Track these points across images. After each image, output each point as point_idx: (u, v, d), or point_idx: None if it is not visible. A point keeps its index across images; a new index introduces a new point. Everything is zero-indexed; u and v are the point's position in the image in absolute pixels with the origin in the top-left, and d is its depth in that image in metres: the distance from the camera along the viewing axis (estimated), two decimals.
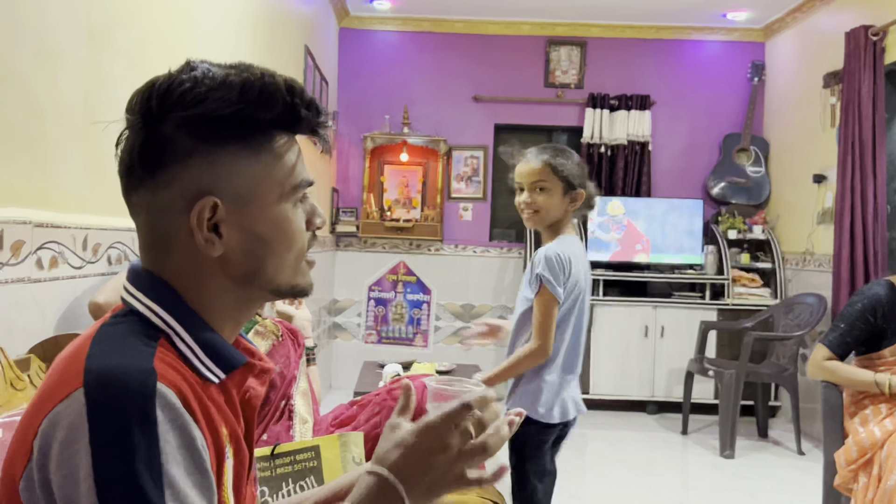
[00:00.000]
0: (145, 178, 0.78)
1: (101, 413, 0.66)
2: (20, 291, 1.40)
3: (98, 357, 0.70)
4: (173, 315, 0.77)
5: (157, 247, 0.80)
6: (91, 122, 1.69)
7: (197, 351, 0.77)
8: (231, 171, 0.78)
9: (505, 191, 6.07)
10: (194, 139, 0.76)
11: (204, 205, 0.77)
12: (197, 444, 0.70)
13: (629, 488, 3.79)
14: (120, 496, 0.64)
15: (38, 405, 0.70)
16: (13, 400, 1.26)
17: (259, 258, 0.80)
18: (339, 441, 1.39)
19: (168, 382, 0.70)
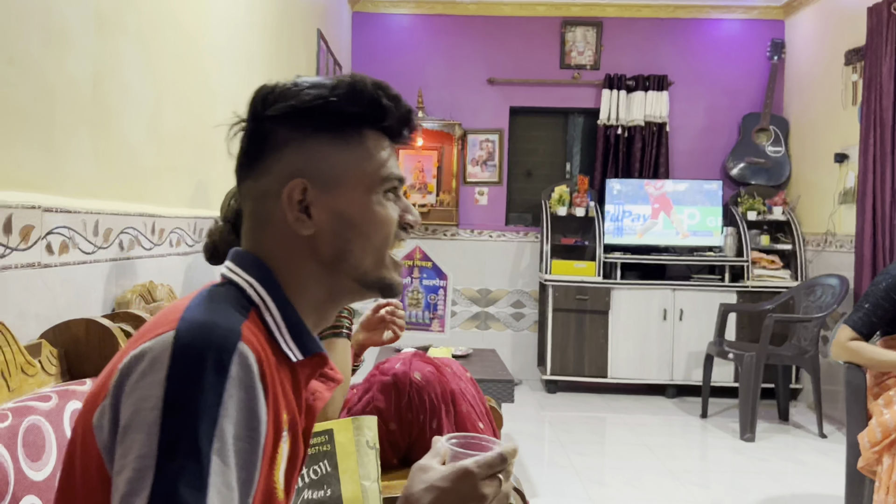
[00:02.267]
0: (250, 169, 0.88)
1: (182, 354, 0.71)
2: (30, 276, 1.39)
3: (194, 310, 0.77)
4: (267, 290, 0.84)
5: (256, 229, 0.88)
6: (97, 105, 1.67)
7: (282, 326, 0.84)
8: (321, 158, 0.86)
9: (521, 174, 6.03)
10: (289, 129, 0.86)
11: (294, 186, 0.85)
12: (259, 412, 0.74)
13: (648, 472, 3.76)
14: (177, 434, 0.68)
15: (127, 347, 0.77)
16: (24, 385, 1.25)
17: (346, 239, 0.87)
18: (352, 425, 1.37)
19: (251, 346, 0.76)
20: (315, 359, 0.88)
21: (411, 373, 1.71)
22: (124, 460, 0.69)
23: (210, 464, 0.68)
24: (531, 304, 5.90)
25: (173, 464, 0.67)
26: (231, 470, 0.70)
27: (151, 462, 0.67)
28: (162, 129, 2.05)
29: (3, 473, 1.02)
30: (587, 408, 5.07)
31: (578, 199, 5.58)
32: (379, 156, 0.89)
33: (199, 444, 0.68)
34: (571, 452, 4.03)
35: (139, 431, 0.69)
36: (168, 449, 0.67)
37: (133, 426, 0.69)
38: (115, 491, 0.68)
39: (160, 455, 0.67)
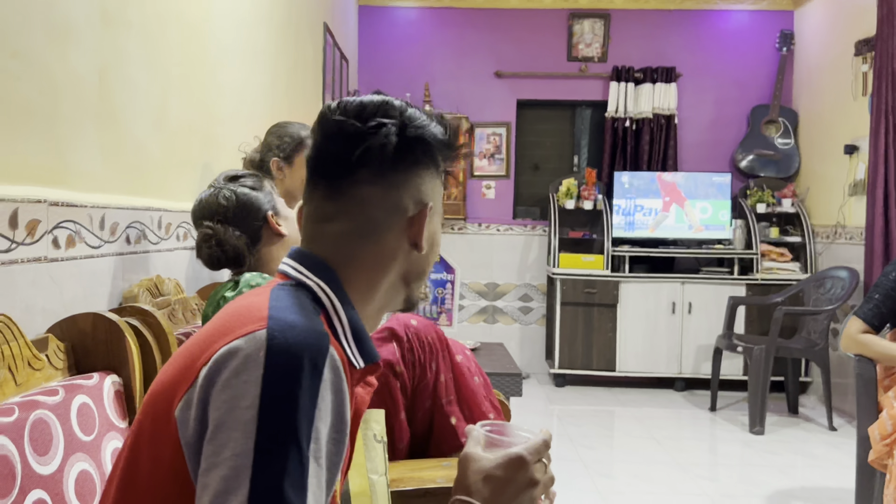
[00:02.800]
0: (378, 177, 0.89)
1: (280, 354, 0.72)
2: (37, 271, 1.38)
3: (280, 309, 0.77)
4: (336, 294, 0.86)
5: (361, 236, 0.90)
6: (103, 99, 1.66)
7: (348, 333, 0.85)
8: (435, 187, 0.94)
9: (528, 168, 6.02)
10: (422, 154, 0.91)
11: (428, 210, 0.92)
12: (346, 414, 0.77)
13: (657, 465, 3.75)
14: (277, 433, 0.68)
15: (212, 339, 0.77)
16: (31, 380, 1.25)
17: (428, 262, 0.95)
18: None
19: (338, 350, 0.78)
20: (371, 366, 0.89)
21: (407, 320, 1.76)
22: (216, 458, 0.68)
23: (309, 465, 0.69)
24: (539, 297, 5.89)
25: (274, 462, 0.67)
26: (323, 471, 0.72)
27: (248, 461, 0.67)
28: (168, 123, 2.04)
29: (9, 467, 1.02)
30: (595, 401, 5.07)
31: (586, 193, 5.56)
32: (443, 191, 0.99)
33: (300, 444, 0.69)
34: (579, 446, 4.03)
35: (234, 430, 0.68)
36: (267, 447, 0.68)
37: (227, 424, 0.69)
38: (205, 489, 0.68)
39: (258, 453, 0.67)
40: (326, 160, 0.91)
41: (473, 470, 0.88)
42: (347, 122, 0.89)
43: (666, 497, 3.32)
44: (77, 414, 1.22)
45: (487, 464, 0.87)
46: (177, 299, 1.95)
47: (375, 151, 0.88)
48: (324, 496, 0.72)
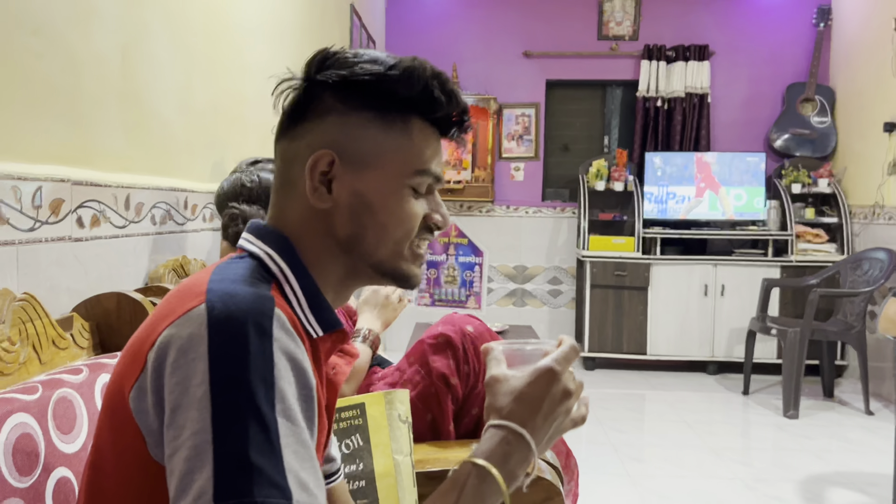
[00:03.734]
0: (288, 130, 0.86)
1: (221, 325, 0.68)
2: (61, 250, 1.38)
3: (219, 282, 0.74)
4: (287, 262, 0.82)
5: (281, 193, 0.86)
6: (126, 78, 1.65)
7: (302, 301, 0.81)
8: (358, 135, 0.83)
9: (558, 149, 5.95)
10: (336, 99, 0.83)
11: (320, 156, 0.82)
12: (308, 371, 0.73)
13: (689, 449, 3.70)
14: (232, 403, 0.65)
15: (155, 322, 0.74)
16: (56, 358, 1.25)
17: (362, 224, 0.84)
18: (384, 398, 1.35)
19: (287, 314, 0.74)
20: (335, 335, 0.85)
21: (463, 326, 1.68)
22: (177, 441, 0.66)
23: (277, 426, 0.66)
24: (568, 280, 5.84)
25: (234, 432, 0.64)
26: (301, 428, 0.68)
27: (207, 436, 0.64)
28: (193, 103, 2.03)
29: (33, 445, 1.02)
30: (626, 385, 5.02)
31: (617, 174, 5.48)
32: (419, 147, 0.85)
33: (260, 408, 0.65)
34: (609, 429, 3.99)
35: (189, 409, 0.66)
36: (224, 419, 0.65)
37: (182, 405, 0.66)
38: (172, 474, 0.65)
39: (216, 426, 0.64)
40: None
41: (503, 392, 0.83)
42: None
43: (698, 481, 3.28)
44: (101, 393, 1.22)
45: (517, 382, 0.83)
46: None
47: (286, 106, 0.86)
48: (310, 452, 0.69)
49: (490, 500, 0.78)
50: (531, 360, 0.86)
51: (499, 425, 0.81)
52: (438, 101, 0.84)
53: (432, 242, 5.79)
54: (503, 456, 0.79)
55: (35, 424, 1.04)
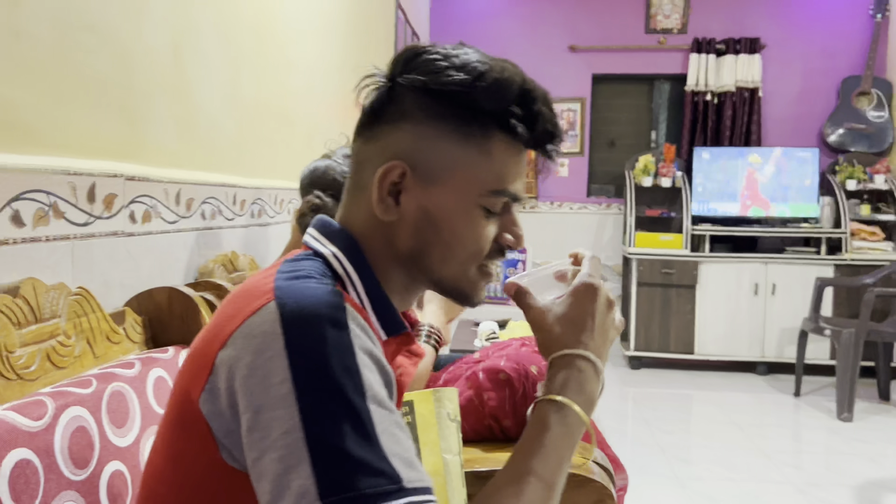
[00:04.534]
0: (364, 130, 0.83)
1: (295, 320, 0.67)
2: (114, 245, 1.39)
3: (286, 279, 0.73)
4: (353, 264, 0.80)
5: (352, 195, 0.84)
6: (176, 73, 1.66)
7: (366, 304, 0.80)
8: (433, 147, 0.79)
9: (604, 144, 5.87)
10: (415, 105, 0.79)
11: (392, 167, 0.79)
12: (386, 366, 0.71)
13: (738, 451, 3.62)
14: (319, 397, 0.64)
15: (222, 323, 0.72)
16: (109, 353, 1.25)
17: (426, 241, 0.81)
18: (433, 396, 1.33)
19: (356, 308, 0.72)
20: (400, 338, 0.84)
21: (528, 366, 1.60)
22: (265, 442, 0.64)
23: (369, 413, 0.64)
24: (613, 278, 5.77)
25: (327, 427, 0.62)
26: (393, 411, 0.67)
27: (299, 434, 0.62)
28: (240, 98, 2.04)
29: (88, 439, 1.02)
30: (672, 384, 4.93)
31: (664, 169, 5.39)
32: (498, 166, 0.80)
33: (349, 399, 0.63)
34: (656, 430, 3.92)
35: (274, 408, 0.64)
36: (314, 415, 0.63)
37: (266, 406, 0.64)
38: (262, 477, 0.63)
39: (306, 423, 0.62)
40: None
41: (552, 322, 0.81)
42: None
43: (749, 485, 3.20)
44: (153, 387, 1.22)
45: (562, 308, 0.82)
46: (251, 275, 1.95)
47: (366, 105, 0.83)
48: (407, 433, 0.67)
49: (577, 433, 0.78)
50: (553, 283, 0.86)
51: (563, 355, 0.80)
52: (523, 121, 0.79)
53: None
54: (579, 385, 0.79)
55: (90, 418, 1.04)
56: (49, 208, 1.19)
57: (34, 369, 1.06)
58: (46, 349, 1.09)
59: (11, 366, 1.01)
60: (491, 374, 1.54)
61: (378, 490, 0.61)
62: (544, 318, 0.83)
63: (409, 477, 0.63)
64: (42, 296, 1.11)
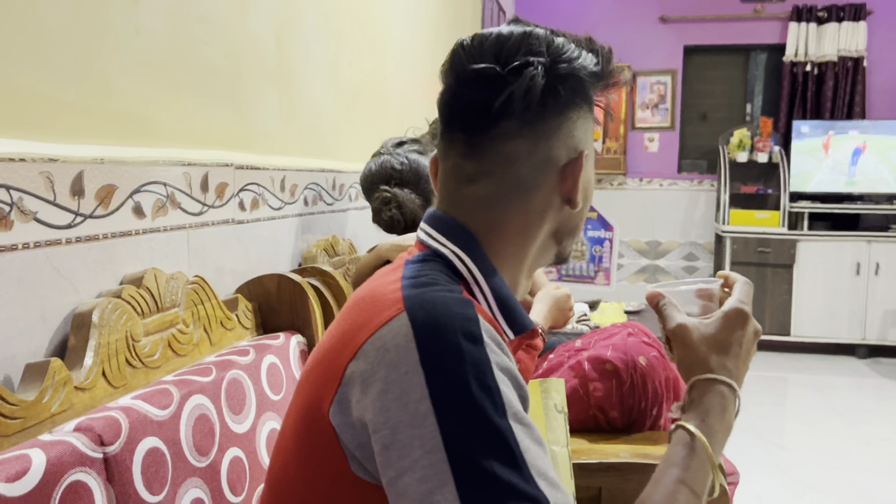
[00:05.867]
0: (525, 128, 0.78)
1: (429, 333, 0.65)
2: (225, 233, 1.42)
3: (414, 287, 0.71)
4: (477, 264, 0.78)
5: (508, 198, 0.79)
6: (280, 61, 1.68)
7: (493, 304, 0.78)
8: (587, 129, 0.82)
9: (695, 118, 5.69)
10: (570, 93, 0.79)
11: (581, 159, 0.80)
12: (521, 380, 0.69)
13: (837, 437, 3.48)
14: (461, 418, 0.62)
15: (351, 332, 0.71)
16: (223, 339, 1.29)
17: (581, 215, 0.83)
18: (539, 387, 1.32)
19: (484, 315, 0.70)
20: (528, 333, 0.82)
21: (636, 357, 1.57)
22: (404, 461, 0.62)
23: (513, 432, 0.62)
24: (705, 256, 5.61)
25: (472, 447, 0.60)
26: (532, 428, 0.65)
27: (442, 454, 0.60)
28: (339, 83, 2.05)
29: (209, 426, 1.05)
30: (767, 367, 4.78)
31: (761, 144, 5.18)
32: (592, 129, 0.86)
33: (491, 419, 0.62)
34: (752, 414, 3.81)
35: (414, 427, 0.62)
36: (457, 434, 0.61)
37: (404, 423, 0.62)
38: (401, 496, 0.62)
39: (449, 444, 0.61)
40: (463, 111, 0.79)
41: (698, 341, 0.79)
42: (485, 66, 0.76)
43: (853, 474, 3.08)
44: (267, 373, 1.25)
45: (710, 329, 0.80)
46: (350, 258, 1.97)
47: (519, 98, 0.76)
48: (546, 450, 0.65)
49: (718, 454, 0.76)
50: (693, 300, 0.84)
51: (708, 379, 0.78)
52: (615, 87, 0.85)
53: None
54: (721, 411, 0.77)
55: (211, 405, 1.07)
56: (166, 199, 1.22)
57: (157, 358, 1.10)
58: (167, 337, 1.13)
59: (137, 354, 1.05)
60: (597, 364, 1.51)
61: None
62: (689, 335, 0.80)
63: (556, 500, 0.61)
64: (163, 285, 1.14)
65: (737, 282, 0.85)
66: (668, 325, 0.83)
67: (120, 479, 0.87)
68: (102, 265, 1.07)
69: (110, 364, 0.99)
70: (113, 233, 1.09)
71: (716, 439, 0.75)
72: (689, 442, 0.75)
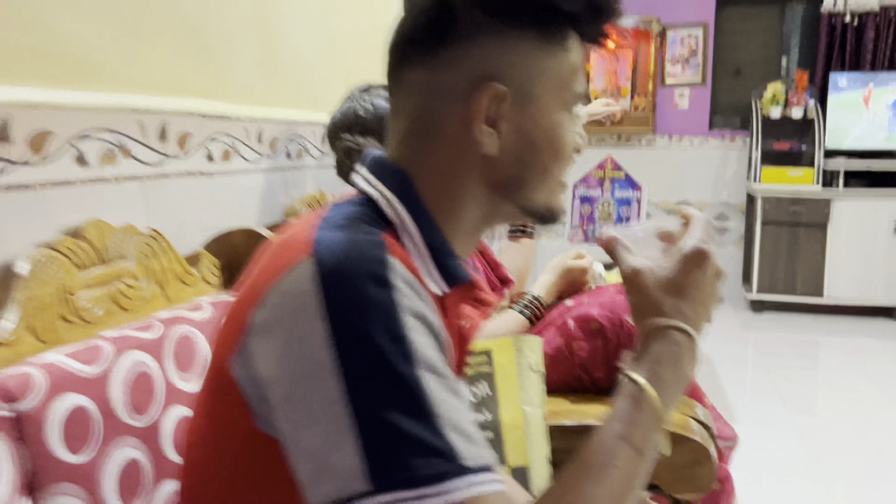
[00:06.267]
0: (426, 55, 0.71)
1: (333, 277, 0.60)
2: (191, 185, 1.37)
3: (326, 229, 0.65)
4: (408, 208, 0.71)
5: (421, 135, 0.73)
6: (257, 6, 1.60)
7: (423, 252, 0.71)
8: (521, 61, 0.70)
9: (728, 73, 5.47)
10: (488, 15, 0.69)
11: (492, 91, 0.69)
12: (434, 320, 0.64)
13: (870, 404, 3.35)
14: (364, 366, 0.58)
15: (257, 278, 0.66)
16: (182, 295, 1.24)
17: (526, 166, 0.73)
18: (513, 345, 1.25)
19: (403, 261, 0.64)
20: (465, 286, 0.75)
21: (623, 315, 1.49)
22: (304, 415, 0.58)
23: (420, 383, 0.58)
24: (736, 216, 5.43)
25: (373, 399, 0.57)
26: (447, 377, 0.60)
27: (344, 408, 0.57)
28: (327, 31, 1.97)
29: (149, 384, 1.01)
30: (798, 329, 4.64)
31: (795, 99, 4.97)
32: (577, 65, 0.74)
33: (396, 367, 0.57)
34: (778, 377, 3.69)
35: (314, 378, 0.58)
36: (360, 386, 0.57)
37: (304, 375, 0.59)
38: (301, 452, 0.59)
39: (353, 396, 0.57)
40: (389, 41, 0.75)
41: (653, 285, 0.72)
42: None
43: (882, 440, 2.96)
44: None
45: (666, 272, 0.72)
46: None
47: (414, 22, 0.71)
48: (464, 402, 0.61)
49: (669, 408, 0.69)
50: (654, 242, 0.77)
51: (660, 325, 0.71)
52: (603, 10, 0.72)
53: (587, 176, 5.56)
54: (674, 362, 0.70)
55: (152, 363, 1.02)
56: (117, 148, 1.17)
57: (102, 314, 1.05)
58: (113, 292, 1.08)
59: (75, 308, 1.00)
60: (582, 323, 1.43)
61: (434, 471, 0.55)
62: (642, 278, 0.73)
63: (469, 453, 0.56)
64: (109, 237, 1.09)
65: (694, 218, 0.76)
66: (622, 269, 0.75)
67: (34, 438, 0.82)
68: (40, 216, 1.02)
69: (42, 318, 0.95)
70: (51, 181, 1.04)
71: (667, 392, 0.69)
72: (635, 394, 0.68)
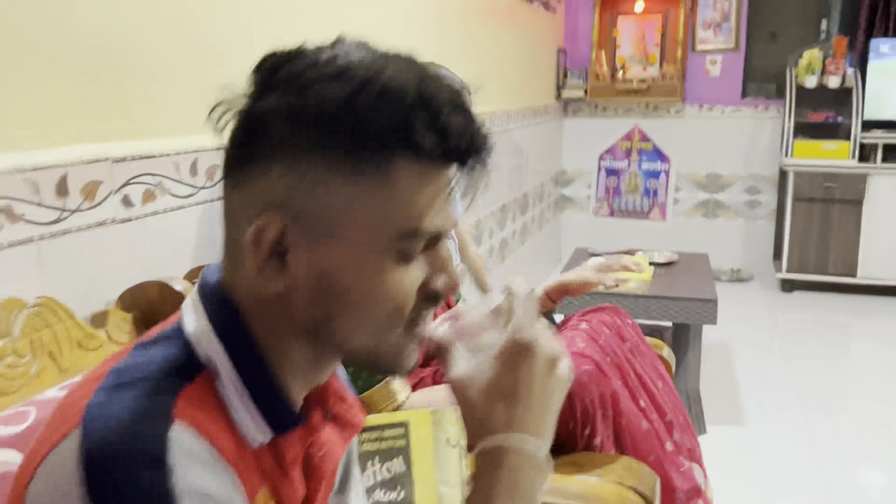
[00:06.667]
0: (232, 171, 0.63)
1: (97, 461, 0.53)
2: (103, 235, 1.29)
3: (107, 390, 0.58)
4: (228, 348, 0.62)
5: (227, 255, 0.65)
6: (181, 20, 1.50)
7: (244, 397, 0.62)
8: (314, 187, 0.59)
9: (763, 37, 5.18)
10: (286, 132, 0.58)
11: (266, 224, 0.59)
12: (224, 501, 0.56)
13: (893, 406, 3.18)
14: None
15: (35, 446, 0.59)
16: (81, 362, 1.17)
17: (329, 309, 0.61)
18: (431, 419, 1.16)
19: (194, 423, 0.57)
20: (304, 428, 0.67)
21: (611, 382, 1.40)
22: None
23: None
24: (769, 190, 5.19)
25: None
26: None
27: None
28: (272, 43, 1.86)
29: None
30: (828, 310, 4.45)
31: (833, 66, 4.67)
32: (405, 197, 0.59)
33: None
34: (795, 368, 3.53)
35: None
36: None
37: None
38: None
39: None
40: None
41: (473, 397, 0.65)
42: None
43: None
44: None
45: (486, 376, 0.64)
46: None
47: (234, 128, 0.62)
48: None
49: None
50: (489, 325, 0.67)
51: (493, 448, 0.63)
52: (428, 137, 0.58)
53: (613, 147, 5.36)
54: (510, 490, 0.62)
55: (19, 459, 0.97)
56: (1, 214, 1.10)
57: None
58: None
59: None
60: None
61: None
62: (465, 390, 0.65)
63: None
64: None
65: (515, 298, 0.66)
66: (449, 380, 0.67)
67: None
68: None
69: None
70: None
71: None
72: None
